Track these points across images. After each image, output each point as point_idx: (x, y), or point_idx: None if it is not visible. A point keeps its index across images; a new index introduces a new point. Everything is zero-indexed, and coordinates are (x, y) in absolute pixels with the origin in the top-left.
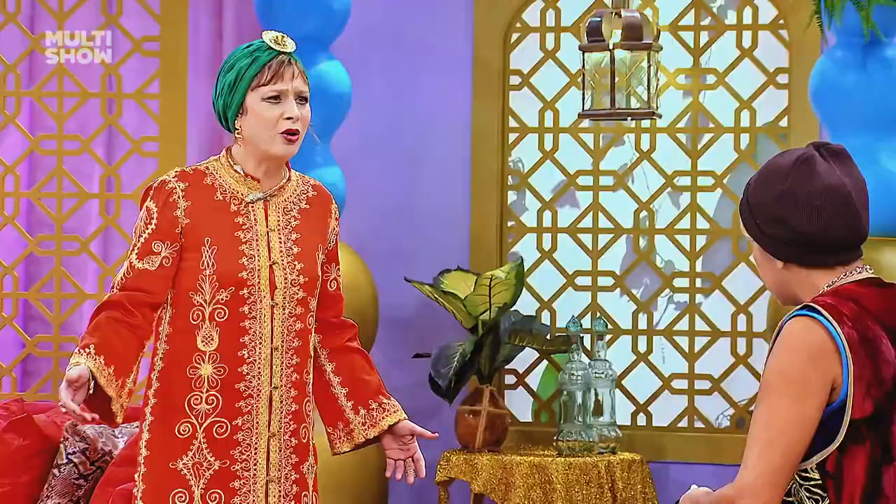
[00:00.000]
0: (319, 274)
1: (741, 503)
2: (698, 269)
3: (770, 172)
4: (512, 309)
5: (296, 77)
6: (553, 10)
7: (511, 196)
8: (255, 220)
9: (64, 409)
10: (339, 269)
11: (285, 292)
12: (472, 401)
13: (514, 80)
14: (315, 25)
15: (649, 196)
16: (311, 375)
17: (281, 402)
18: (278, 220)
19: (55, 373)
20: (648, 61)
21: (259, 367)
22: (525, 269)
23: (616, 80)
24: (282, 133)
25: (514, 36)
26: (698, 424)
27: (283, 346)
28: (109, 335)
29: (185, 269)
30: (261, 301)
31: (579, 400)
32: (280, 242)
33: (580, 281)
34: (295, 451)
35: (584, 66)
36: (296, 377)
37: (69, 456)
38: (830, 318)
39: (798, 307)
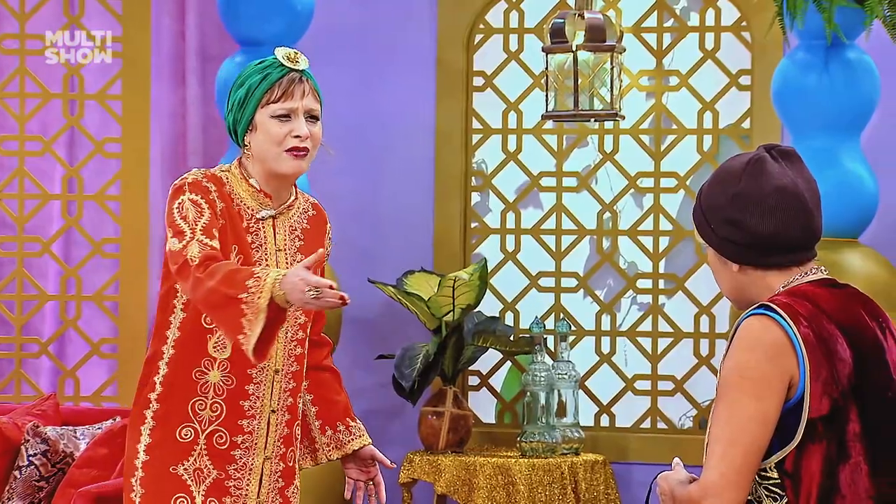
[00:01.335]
0: None
1: (705, 503)
2: (661, 270)
3: (722, 176)
4: (475, 310)
5: (306, 95)
6: (516, 11)
7: (475, 197)
8: (264, 238)
9: (316, 293)
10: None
11: (289, 317)
12: (435, 402)
13: (478, 81)
14: (278, 26)
15: (612, 197)
16: (301, 399)
17: (277, 425)
18: (285, 240)
19: (17, 374)
20: (611, 63)
21: (263, 389)
22: (489, 271)
23: (579, 81)
24: (289, 150)
25: (478, 37)
26: (661, 425)
27: (283, 371)
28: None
29: None
30: None
31: (542, 401)
32: (287, 264)
33: (543, 282)
34: (282, 476)
35: (547, 68)
36: (290, 401)
37: (30, 458)
38: (786, 318)
39: (754, 306)
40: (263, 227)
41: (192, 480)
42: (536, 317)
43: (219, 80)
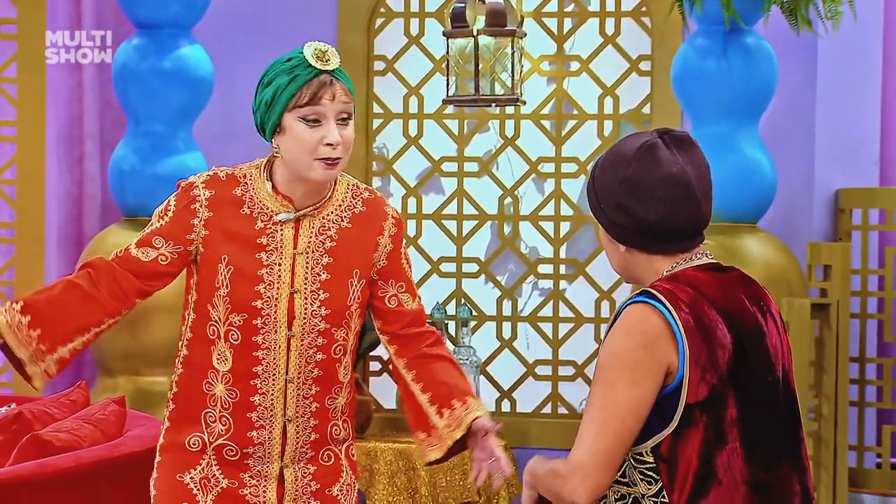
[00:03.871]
0: (352, 302)
1: (572, 480)
2: (562, 255)
3: (613, 158)
4: None
5: (337, 98)
6: None
7: (376, 182)
8: (281, 241)
9: None
10: (401, 284)
11: (304, 323)
12: None
13: (379, 65)
14: (176, 9)
15: (514, 182)
16: (339, 399)
17: (297, 432)
18: (309, 243)
19: None
20: (512, 47)
21: (272, 399)
22: None
23: (480, 66)
24: (321, 159)
25: (379, 21)
26: (562, 410)
27: (299, 379)
28: (55, 297)
29: (203, 281)
30: (276, 332)
31: None
32: (306, 268)
33: (445, 267)
34: (315, 478)
35: (448, 52)
36: (316, 406)
37: None
38: (667, 304)
39: (636, 293)
40: (282, 230)
41: (198, 489)
42: (438, 302)
43: (115, 63)
